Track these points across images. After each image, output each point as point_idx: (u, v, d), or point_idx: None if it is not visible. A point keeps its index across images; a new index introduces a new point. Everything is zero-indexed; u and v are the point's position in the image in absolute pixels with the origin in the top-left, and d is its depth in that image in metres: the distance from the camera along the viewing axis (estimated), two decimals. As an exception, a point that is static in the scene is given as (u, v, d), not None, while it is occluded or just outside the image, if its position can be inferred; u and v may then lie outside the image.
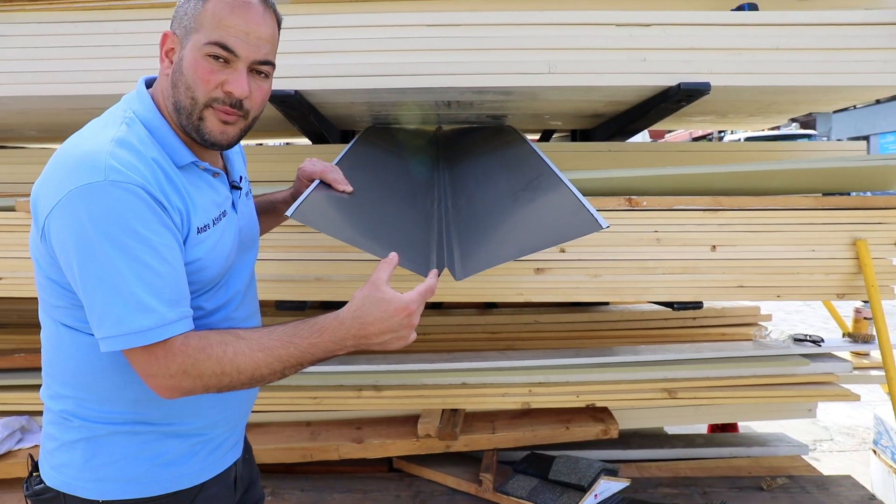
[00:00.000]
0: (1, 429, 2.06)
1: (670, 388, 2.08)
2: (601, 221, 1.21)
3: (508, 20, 1.88)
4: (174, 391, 0.92)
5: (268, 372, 0.93)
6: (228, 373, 0.91)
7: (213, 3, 0.97)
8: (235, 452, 1.20)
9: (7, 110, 2.07)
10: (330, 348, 0.95)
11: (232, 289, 1.14)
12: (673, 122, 2.67)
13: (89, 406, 1.02)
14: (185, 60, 0.98)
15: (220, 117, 1.00)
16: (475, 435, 2.12)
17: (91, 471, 1.01)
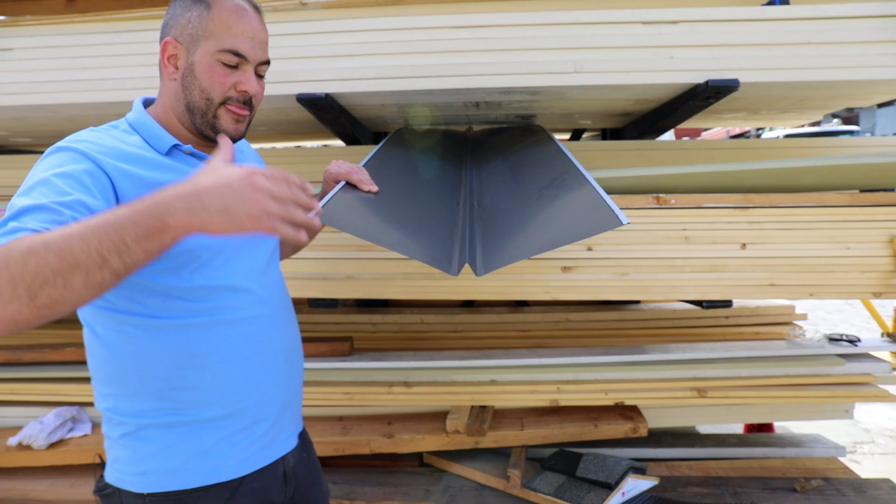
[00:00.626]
0: (53, 418, 2.17)
1: (700, 386, 2.07)
2: (622, 217, 1.22)
3: (534, 20, 1.89)
4: None
5: (79, 244, 0.74)
6: (35, 251, 0.73)
7: (217, 13, 1.07)
8: (283, 447, 1.20)
9: (56, 117, 2.18)
10: (154, 210, 0.77)
11: (234, 275, 1.12)
12: (703, 120, 2.64)
13: (123, 402, 1.07)
14: (198, 65, 1.08)
15: (232, 115, 1.11)
16: (504, 431, 2.15)
17: (135, 464, 1.07)
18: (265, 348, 1.16)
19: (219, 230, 0.80)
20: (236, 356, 1.11)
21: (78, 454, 2.11)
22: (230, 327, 1.10)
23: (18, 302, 0.72)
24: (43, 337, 2.55)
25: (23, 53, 2.05)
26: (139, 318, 1.04)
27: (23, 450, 2.12)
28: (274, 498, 1.17)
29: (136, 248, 0.76)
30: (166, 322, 1.04)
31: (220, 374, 1.09)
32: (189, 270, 1.05)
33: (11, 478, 2.16)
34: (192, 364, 1.06)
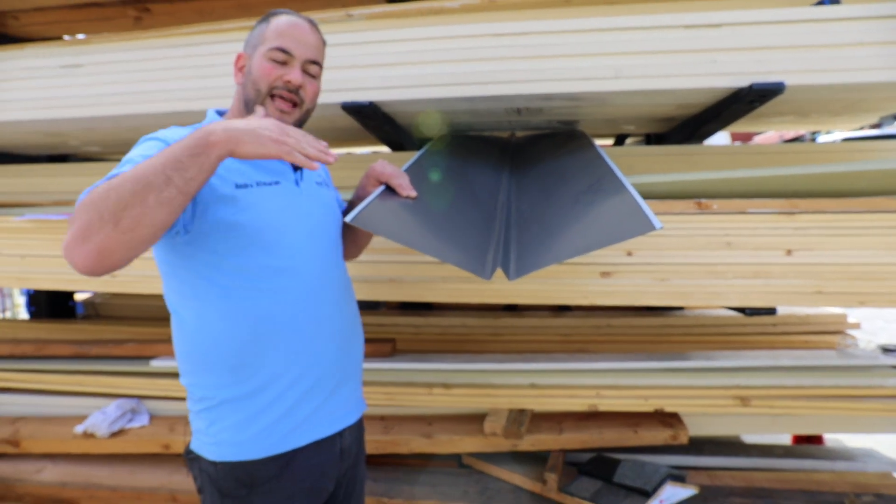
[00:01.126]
0: (115, 409, 2.31)
1: (743, 395, 2.03)
2: (655, 222, 1.22)
3: (574, 27, 1.90)
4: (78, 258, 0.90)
5: (149, 169, 0.91)
6: (113, 185, 0.90)
7: (273, 24, 1.28)
8: (338, 423, 1.31)
9: (120, 127, 2.32)
10: (199, 133, 0.96)
11: (297, 257, 1.24)
12: (750, 124, 2.58)
13: (201, 378, 1.22)
14: (253, 65, 1.27)
15: (279, 107, 1.26)
16: (542, 435, 2.16)
17: (211, 435, 1.21)
18: (324, 328, 1.27)
19: (248, 149, 0.98)
20: (296, 332, 1.22)
21: (137, 444, 2.24)
22: (292, 306, 1.22)
23: (105, 229, 0.87)
24: (107, 333, 2.71)
25: (92, 69, 2.20)
26: (214, 298, 1.17)
27: (87, 438, 2.27)
28: (329, 472, 1.28)
29: (190, 164, 0.94)
30: (236, 300, 1.17)
31: (281, 349, 1.20)
32: (256, 250, 1.18)
33: (77, 463, 2.31)
34: (257, 339, 1.19)
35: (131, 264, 2.08)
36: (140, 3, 2.68)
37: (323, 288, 1.30)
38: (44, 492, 2.20)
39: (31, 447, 2.33)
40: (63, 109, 2.26)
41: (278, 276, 1.21)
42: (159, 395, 2.36)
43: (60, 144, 2.81)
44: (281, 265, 1.21)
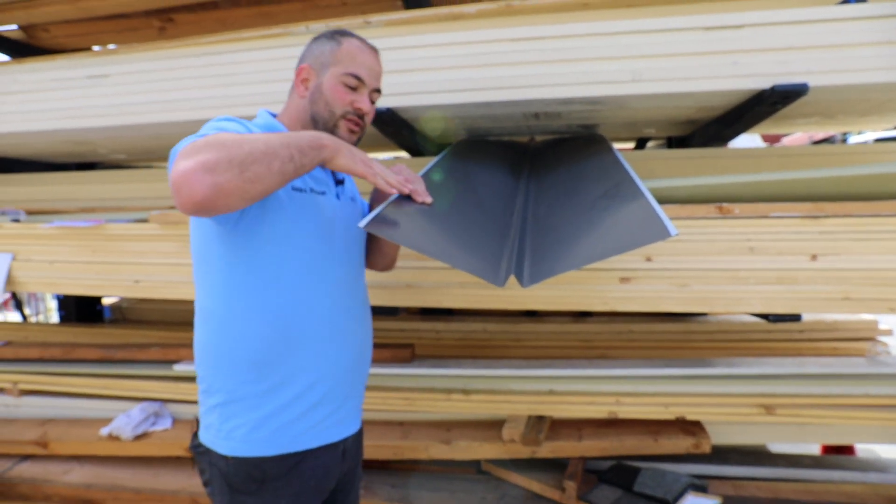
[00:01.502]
0: (139, 412, 2.35)
1: (768, 403, 1.98)
2: (671, 229, 1.20)
3: (592, 31, 1.89)
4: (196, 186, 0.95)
5: (278, 140, 1.05)
6: (247, 139, 1.01)
7: (346, 46, 1.35)
8: (348, 428, 1.36)
9: (144, 135, 2.37)
10: (314, 136, 1.13)
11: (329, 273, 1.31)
12: (774, 126, 2.53)
13: (221, 373, 1.24)
14: (325, 85, 1.33)
15: (349, 127, 1.35)
16: (561, 442, 2.13)
17: (224, 431, 1.24)
18: (345, 340, 1.33)
19: (343, 162, 1.15)
20: (320, 341, 1.28)
21: (160, 447, 2.28)
22: (320, 313, 1.27)
23: (231, 172, 0.97)
24: (133, 337, 2.77)
25: (117, 79, 2.26)
26: (246, 293, 1.22)
27: (112, 440, 2.31)
28: (332, 472, 1.33)
29: (308, 153, 1.09)
30: (267, 298, 1.22)
31: (306, 355, 1.25)
32: (297, 253, 1.25)
33: (102, 465, 2.36)
34: (284, 343, 1.23)
35: (153, 270, 2.14)
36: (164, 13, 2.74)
37: (350, 299, 1.37)
38: (70, 493, 2.25)
39: (58, 449, 2.38)
40: (91, 119, 2.32)
41: (312, 282, 1.27)
42: (181, 398, 2.40)
43: (89, 153, 2.88)
44: (316, 272, 1.28)
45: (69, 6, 2.69)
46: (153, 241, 2.14)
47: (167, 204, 2.55)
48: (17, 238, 2.32)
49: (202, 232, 1.25)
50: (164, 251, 2.13)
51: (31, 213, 2.48)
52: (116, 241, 2.18)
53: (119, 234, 2.18)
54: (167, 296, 2.18)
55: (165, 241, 2.12)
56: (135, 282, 2.19)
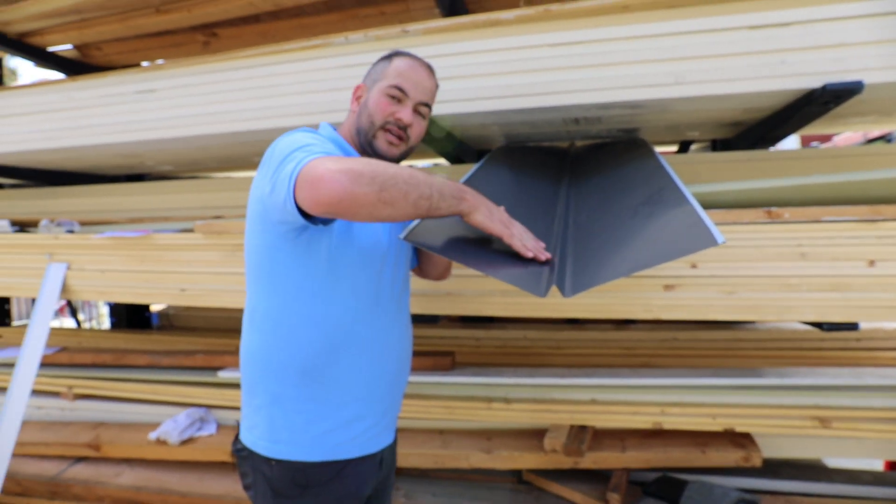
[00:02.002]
0: (185, 418, 2.41)
1: (823, 416, 1.90)
2: (717, 236, 1.16)
3: (632, 33, 1.85)
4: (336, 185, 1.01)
5: (421, 175, 1.09)
6: (393, 166, 1.07)
7: (396, 63, 1.39)
8: (385, 439, 1.38)
9: (190, 147, 2.43)
10: (459, 187, 1.17)
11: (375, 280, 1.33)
12: (826, 125, 2.43)
13: (270, 376, 1.26)
14: (371, 99, 1.37)
15: (388, 139, 1.35)
16: (604, 453, 2.09)
17: (270, 433, 1.26)
18: (389, 350, 1.36)
19: (481, 219, 1.19)
20: (367, 352, 1.30)
21: (205, 451, 2.32)
22: (369, 329, 1.30)
23: (371, 187, 1.02)
24: (179, 344, 2.83)
25: (164, 93, 2.33)
26: (301, 300, 1.25)
27: (160, 444, 2.37)
28: (370, 479, 1.34)
29: (447, 198, 1.13)
30: (322, 306, 1.25)
31: (352, 366, 1.28)
32: (356, 266, 1.28)
33: (151, 468, 2.42)
34: (332, 353, 1.25)
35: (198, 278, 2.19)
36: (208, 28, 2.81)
37: (396, 311, 1.39)
38: (121, 495, 2.31)
39: (110, 452, 2.46)
40: (139, 133, 2.40)
41: (363, 293, 1.29)
42: (226, 404, 2.44)
43: (137, 165, 2.97)
44: (368, 284, 1.30)
45: (120, 24, 2.79)
46: (198, 250, 2.19)
47: (212, 214, 2.61)
48: (71, 248, 2.41)
49: (265, 236, 1.26)
50: (209, 260, 2.18)
51: (84, 223, 2.57)
52: (163, 250, 2.24)
53: (166, 244, 2.23)
54: (211, 304, 2.22)
55: (210, 250, 2.17)
56: (181, 290, 2.24)
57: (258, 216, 1.26)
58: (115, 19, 2.76)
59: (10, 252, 2.51)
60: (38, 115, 2.58)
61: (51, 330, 2.47)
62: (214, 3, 2.55)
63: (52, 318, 2.42)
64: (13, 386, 2.29)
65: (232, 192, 2.73)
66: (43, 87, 2.59)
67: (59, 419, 2.68)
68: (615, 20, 1.90)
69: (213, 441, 2.36)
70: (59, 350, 2.77)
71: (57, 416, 2.68)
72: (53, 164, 2.98)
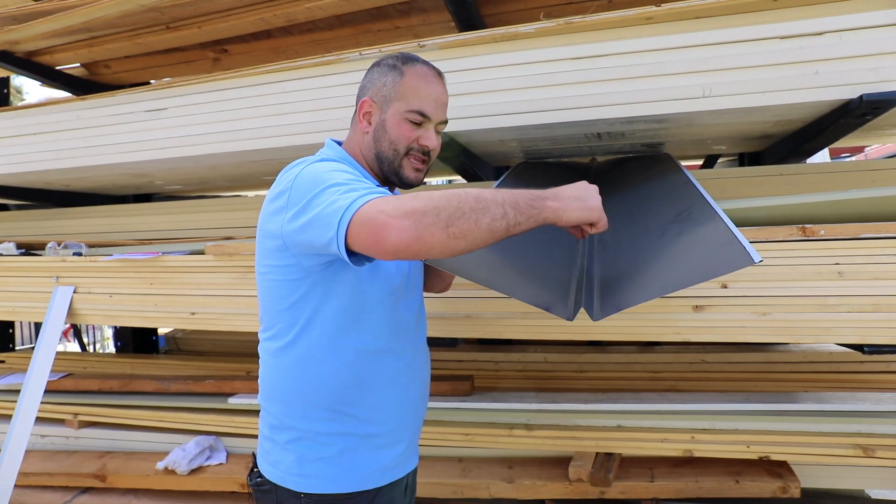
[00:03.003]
0: (194, 446, 2.33)
1: (866, 444, 1.81)
2: (754, 255, 1.09)
3: (657, 45, 1.79)
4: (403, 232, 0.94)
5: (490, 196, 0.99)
6: (456, 194, 0.97)
7: (408, 79, 1.26)
8: (410, 464, 1.36)
9: (200, 166, 2.38)
10: (534, 192, 1.05)
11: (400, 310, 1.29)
12: (861, 138, 2.36)
13: (296, 410, 1.23)
14: (389, 122, 1.27)
15: (414, 165, 1.29)
16: (632, 482, 2.00)
17: (299, 468, 1.22)
18: (414, 379, 1.34)
19: (573, 214, 1.06)
20: (393, 384, 1.28)
21: (214, 482, 2.24)
22: (394, 358, 1.28)
23: (436, 226, 0.94)
24: (188, 369, 2.76)
25: (174, 111, 2.28)
26: (330, 336, 1.21)
27: (168, 474, 2.29)
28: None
29: (525, 211, 1.01)
30: (348, 349, 1.22)
31: (380, 396, 1.25)
32: (383, 302, 1.24)
33: (159, 499, 2.34)
34: (360, 385, 1.23)
35: (208, 302, 2.13)
36: (218, 44, 2.77)
37: (417, 337, 1.37)
38: (128, 528, 2.23)
39: (116, 482, 2.37)
40: (149, 152, 2.36)
41: (389, 322, 1.26)
42: (237, 432, 2.36)
43: (146, 185, 2.93)
44: (394, 311, 1.27)
45: (129, 42, 2.75)
46: (208, 272, 2.13)
47: (222, 234, 2.55)
48: (78, 271, 2.35)
49: (286, 271, 1.19)
50: (220, 283, 2.11)
51: (92, 245, 2.51)
52: (173, 272, 2.18)
53: (175, 266, 2.17)
54: (222, 327, 2.16)
55: (220, 272, 2.11)
56: (191, 314, 2.18)
57: (276, 251, 1.19)
58: (124, 37, 2.72)
59: (16, 275, 2.46)
60: (46, 135, 2.55)
61: (56, 354, 2.40)
62: (225, 19, 2.51)
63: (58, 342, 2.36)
64: (17, 413, 2.22)
65: (243, 212, 2.68)
66: (50, 106, 2.55)
67: (64, 448, 2.60)
68: (639, 32, 1.84)
69: (224, 470, 2.28)
70: (65, 376, 2.70)
71: (62, 445, 2.61)
72: (60, 184, 2.94)
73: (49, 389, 2.41)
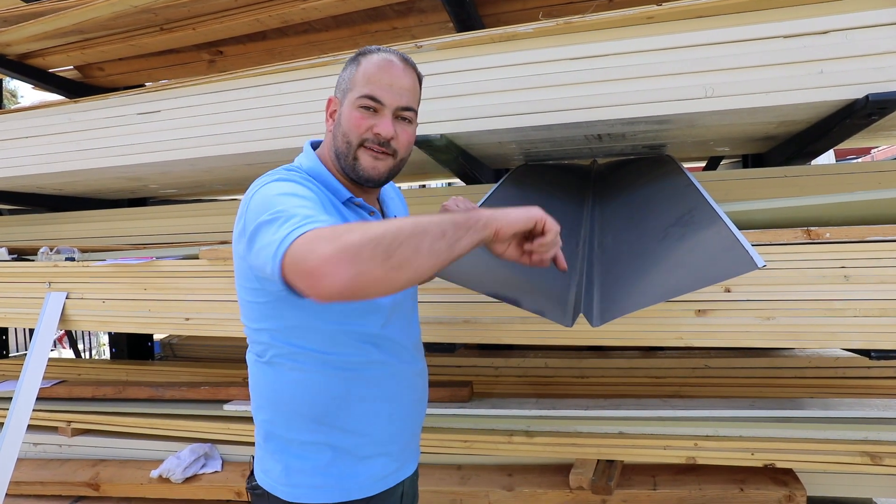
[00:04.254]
0: (189, 453, 2.29)
1: (873, 451, 1.77)
2: (757, 260, 1.07)
3: (658, 45, 1.77)
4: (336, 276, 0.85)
5: (427, 220, 0.91)
6: (393, 223, 0.90)
7: (363, 66, 1.19)
8: (405, 471, 1.30)
9: (195, 169, 2.34)
10: (475, 212, 0.97)
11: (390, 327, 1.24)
12: (867, 139, 2.33)
13: (282, 420, 1.20)
14: (343, 114, 1.20)
15: (370, 155, 1.19)
16: (634, 490, 1.96)
17: (287, 477, 1.19)
18: (405, 390, 1.28)
19: (517, 222, 1.00)
20: (383, 395, 1.23)
21: (209, 490, 2.20)
22: (383, 369, 1.23)
23: (375, 260, 0.85)
24: (183, 375, 2.73)
25: (168, 114, 2.25)
26: (315, 354, 1.17)
27: (162, 482, 2.25)
28: None
29: (466, 229, 0.94)
30: (336, 362, 1.17)
31: (369, 409, 1.21)
32: (369, 310, 1.19)
33: (153, 509, 2.30)
34: (342, 397, 1.18)
35: (203, 307, 2.09)
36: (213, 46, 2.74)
37: (410, 348, 1.32)
38: (121, 537, 2.19)
39: (110, 491, 2.33)
40: (143, 155, 2.33)
41: (380, 335, 1.22)
42: (232, 439, 2.33)
43: (140, 188, 2.89)
44: (382, 322, 1.22)
45: (123, 44, 2.72)
46: (203, 277, 2.10)
47: (217, 238, 2.52)
48: (71, 276, 2.32)
49: (262, 291, 1.15)
50: (215, 288, 2.08)
51: (85, 250, 2.48)
52: (167, 277, 2.15)
53: (169, 271, 2.14)
54: (217, 333, 2.12)
55: (215, 277, 2.08)
56: (185, 319, 2.15)
57: (243, 272, 1.16)
58: (118, 39, 2.69)
59: (8, 281, 2.42)
60: (38, 139, 2.52)
61: (49, 361, 2.36)
62: (219, 20, 2.48)
63: (51, 349, 2.32)
64: (9, 421, 2.18)
65: (238, 216, 2.64)
66: (43, 109, 2.52)
67: (57, 456, 2.56)
68: (640, 31, 1.81)
69: (219, 478, 2.24)
70: (58, 383, 2.66)
71: (54, 453, 2.57)
72: (53, 188, 2.91)
73: (42, 396, 2.38)
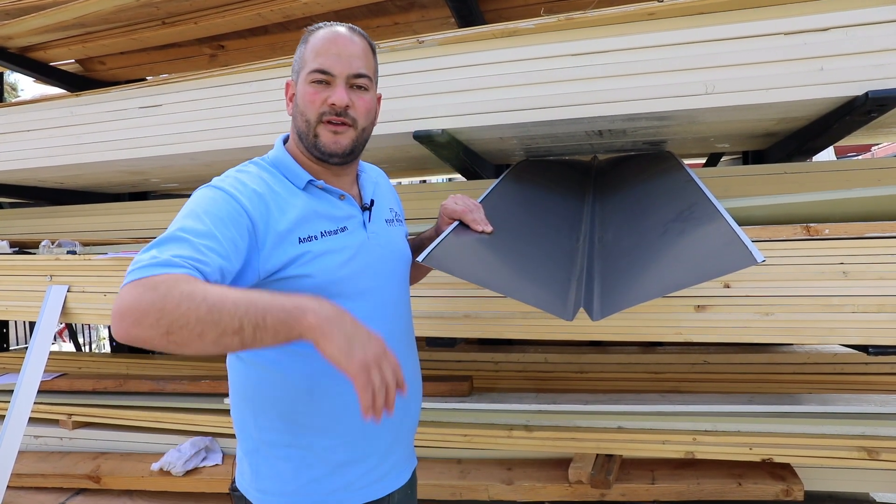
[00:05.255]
0: (189, 447, 2.30)
1: (870, 446, 1.78)
2: (756, 255, 1.08)
3: (660, 41, 1.77)
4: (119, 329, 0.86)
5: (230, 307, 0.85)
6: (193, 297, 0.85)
7: (311, 42, 1.16)
8: (394, 482, 1.23)
9: (196, 163, 2.35)
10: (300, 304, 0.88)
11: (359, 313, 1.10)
12: (868, 136, 2.34)
13: (250, 417, 1.16)
14: (298, 94, 1.17)
15: (329, 129, 1.15)
16: (632, 484, 1.98)
17: (256, 482, 1.16)
18: None
19: (332, 351, 0.86)
20: (351, 389, 1.07)
21: (209, 483, 2.21)
22: None
23: (155, 330, 0.84)
24: (184, 369, 2.73)
25: (169, 108, 2.25)
26: (273, 353, 1.11)
27: (163, 475, 2.26)
28: None
29: (270, 328, 0.86)
30: (301, 352, 1.06)
31: (336, 403, 1.13)
32: None
33: (154, 501, 2.31)
34: (313, 390, 1.13)
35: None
36: (215, 40, 2.74)
37: (392, 339, 1.17)
38: (122, 530, 2.20)
39: (110, 483, 2.34)
40: (144, 149, 2.33)
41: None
42: (232, 433, 2.31)
43: (142, 182, 2.90)
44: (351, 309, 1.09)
45: (124, 38, 2.72)
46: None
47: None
48: (72, 269, 2.32)
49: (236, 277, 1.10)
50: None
51: (86, 244, 2.48)
52: (167, 271, 2.15)
53: (170, 265, 2.14)
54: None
55: (216, 271, 2.08)
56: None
57: None
58: (119, 33, 2.69)
59: (9, 274, 2.43)
60: (40, 132, 2.52)
61: (50, 354, 2.36)
62: (221, 14, 2.48)
63: (52, 342, 2.33)
64: (10, 414, 2.18)
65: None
66: (44, 102, 2.52)
67: (58, 449, 2.56)
68: (641, 28, 1.81)
69: (219, 471, 2.25)
70: (59, 376, 2.67)
71: (55, 446, 2.57)
72: (54, 182, 2.91)
73: (43, 389, 2.38)
